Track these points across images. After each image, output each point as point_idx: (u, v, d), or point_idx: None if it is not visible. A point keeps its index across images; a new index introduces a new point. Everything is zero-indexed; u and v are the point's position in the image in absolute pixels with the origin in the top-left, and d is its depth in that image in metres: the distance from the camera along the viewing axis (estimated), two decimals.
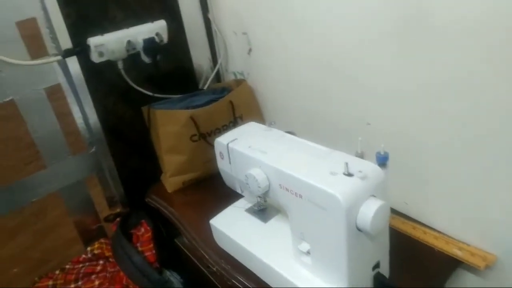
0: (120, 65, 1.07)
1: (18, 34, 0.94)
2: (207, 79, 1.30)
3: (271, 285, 0.77)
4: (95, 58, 1.02)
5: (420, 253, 0.81)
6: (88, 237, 1.19)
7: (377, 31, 0.79)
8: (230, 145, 0.77)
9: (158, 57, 1.09)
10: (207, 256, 0.91)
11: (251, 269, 0.82)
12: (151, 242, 1.14)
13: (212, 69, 1.29)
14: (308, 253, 0.69)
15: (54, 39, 0.99)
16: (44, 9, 0.96)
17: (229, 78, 1.32)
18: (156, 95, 1.15)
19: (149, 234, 1.15)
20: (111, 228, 1.22)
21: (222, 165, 0.82)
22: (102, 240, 1.18)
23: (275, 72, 1.12)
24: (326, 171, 0.63)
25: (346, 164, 0.61)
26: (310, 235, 0.67)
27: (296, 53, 1.01)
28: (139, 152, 1.22)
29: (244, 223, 0.86)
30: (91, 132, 1.11)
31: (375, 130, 0.90)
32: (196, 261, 1.07)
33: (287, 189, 0.67)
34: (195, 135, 1.09)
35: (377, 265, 0.68)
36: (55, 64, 1.02)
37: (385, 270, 0.70)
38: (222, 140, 0.79)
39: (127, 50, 1.05)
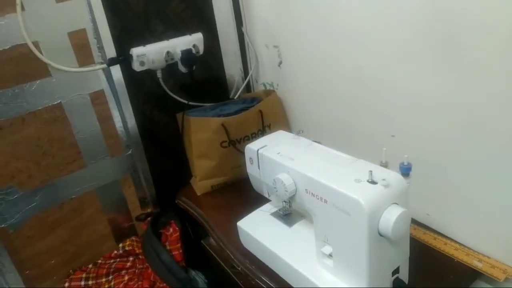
0: (159, 74, 1.14)
1: (69, 43, 1.03)
2: (238, 89, 1.36)
3: (294, 285, 0.81)
4: (136, 67, 1.10)
5: (440, 263, 0.84)
6: (120, 234, 1.26)
7: (411, 46, 0.82)
8: (260, 151, 0.82)
9: (194, 67, 1.16)
10: (232, 256, 0.96)
11: (274, 270, 0.86)
12: (179, 241, 1.20)
13: (243, 80, 1.35)
14: (330, 256, 0.73)
15: (101, 48, 1.07)
16: (93, 21, 1.04)
17: (258, 88, 1.38)
18: (190, 103, 1.22)
19: (177, 234, 1.20)
20: (142, 227, 1.29)
21: (252, 170, 0.87)
22: (133, 238, 1.24)
23: (304, 84, 1.17)
24: (351, 178, 0.67)
25: (370, 172, 0.65)
26: (333, 239, 0.71)
27: (325, 65, 1.06)
28: (172, 156, 1.29)
29: (269, 226, 0.90)
30: (129, 136, 1.18)
31: (399, 142, 0.93)
32: (221, 262, 1.12)
33: (313, 194, 0.71)
34: (225, 141, 1.15)
35: (396, 271, 0.71)
36: (100, 72, 1.10)
37: (404, 276, 0.74)
38: (252, 147, 0.85)
39: (166, 60, 1.13)
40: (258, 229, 0.90)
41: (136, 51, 1.09)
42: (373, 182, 0.65)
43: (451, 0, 0.72)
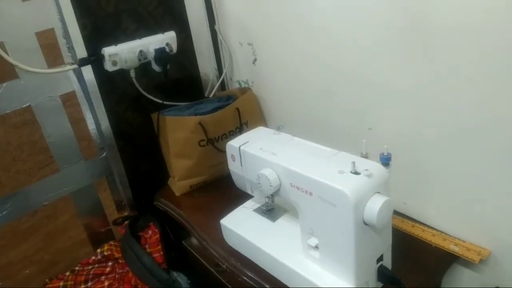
0: (132, 73, 1.12)
1: (37, 43, 0.99)
2: (212, 87, 1.35)
3: (281, 279, 0.81)
4: (109, 66, 1.07)
5: (419, 249, 0.87)
6: (96, 240, 1.23)
7: (381, 37, 0.85)
8: (242, 147, 0.82)
9: (168, 66, 1.15)
10: (216, 255, 0.95)
11: (260, 265, 0.86)
12: (159, 243, 1.18)
13: (218, 78, 1.35)
14: (316, 247, 0.74)
15: (71, 48, 1.04)
16: (62, 20, 1.01)
17: (233, 86, 1.37)
18: (165, 102, 1.20)
19: (157, 236, 1.19)
20: (119, 231, 1.26)
21: (234, 167, 0.87)
22: (111, 243, 1.21)
23: (280, 80, 1.17)
24: (334, 170, 0.68)
25: (353, 163, 0.67)
26: (319, 230, 0.72)
27: (300, 62, 1.07)
28: (148, 157, 1.27)
29: (253, 222, 0.91)
30: (102, 138, 1.15)
31: (376, 134, 0.96)
32: (204, 262, 1.11)
33: (297, 188, 0.72)
34: (203, 140, 1.14)
35: (380, 258, 0.73)
36: (71, 73, 1.07)
37: (387, 263, 0.76)
38: (234, 143, 0.85)
39: (139, 60, 1.11)
40: (242, 226, 0.90)
41: (108, 50, 1.06)
42: (356, 173, 0.66)
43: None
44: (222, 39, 1.29)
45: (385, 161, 0.74)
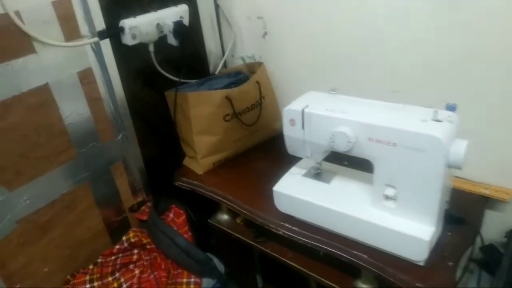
0: (151, 48, 1.06)
1: (54, 14, 0.90)
2: (216, 64, 1.33)
3: (351, 235, 0.85)
4: (128, 40, 1.01)
5: (455, 196, 0.95)
6: (113, 229, 1.16)
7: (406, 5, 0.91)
8: (306, 110, 0.83)
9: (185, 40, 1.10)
10: (268, 222, 0.95)
11: (325, 226, 0.88)
12: (186, 224, 1.15)
13: (223, 54, 1.33)
14: (392, 198, 0.79)
15: (88, 20, 0.95)
16: None
17: (235, 63, 1.36)
18: (182, 80, 1.16)
19: (183, 217, 1.15)
20: (136, 217, 1.19)
21: (292, 131, 0.88)
22: (135, 229, 1.15)
23: (293, 53, 1.20)
24: (415, 119, 0.73)
25: (436, 111, 0.72)
26: (400, 180, 0.76)
27: (319, 31, 1.10)
28: (162, 138, 1.21)
29: (308, 185, 0.92)
30: (120, 119, 1.08)
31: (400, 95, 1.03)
32: (239, 235, 1.10)
33: (377, 141, 0.75)
34: (228, 114, 1.12)
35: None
36: (87, 47, 0.98)
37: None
38: (294, 107, 0.85)
39: (158, 33, 1.05)
40: (299, 190, 0.91)
41: (128, 22, 1.00)
42: (438, 120, 0.72)
43: None
44: (225, 13, 1.27)
45: (452, 109, 0.80)
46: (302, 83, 1.22)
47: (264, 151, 1.23)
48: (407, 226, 0.77)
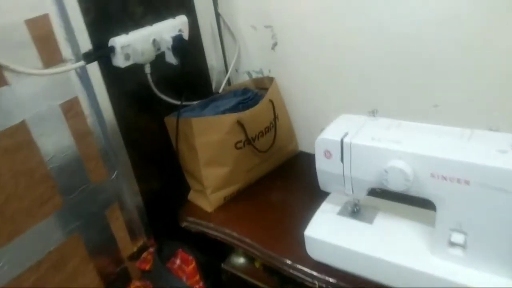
0: (147, 69, 0.90)
1: (28, 35, 0.73)
2: (219, 81, 1.17)
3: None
4: (121, 62, 0.84)
5: None
6: (111, 284, 0.98)
7: (446, 13, 0.77)
8: (346, 140, 0.68)
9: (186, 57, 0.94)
10: (298, 273, 0.80)
11: (368, 276, 0.73)
12: (197, 273, 0.98)
13: (226, 70, 1.17)
14: (460, 245, 0.64)
15: (71, 40, 0.79)
16: (59, 3, 0.75)
17: (240, 78, 1.21)
18: (184, 103, 0.99)
19: (193, 264, 0.98)
20: (136, 269, 1.02)
21: (327, 165, 0.73)
22: (136, 282, 0.97)
23: (308, 66, 1.05)
24: (491, 150, 0.58)
25: None
26: (473, 224, 0.62)
27: (338, 40, 0.95)
28: (162, 171, 1.05)
29: (346, 227, 0.77)
30: (113, 153, 0.91)
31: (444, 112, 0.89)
32: (261, 284, 0.95)
33: (443, 178, 0.61)
34: (240, 141, 0.97)
35: None
36: (72, 73, 0.81)
37: None
38: (330, 137, 0.70)
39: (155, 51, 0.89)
40: (335, 234, 0.76)
41: (119, 41, 0.83)
42: None
43: None
44: (228, 23, 1.11)
45: None
46: (320, 99, 1.08)
47: (280, 178, 1.08)
48: (477, 280, 0.62)
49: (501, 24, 0.75)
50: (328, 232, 0.77)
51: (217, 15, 1.11)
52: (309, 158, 1.14)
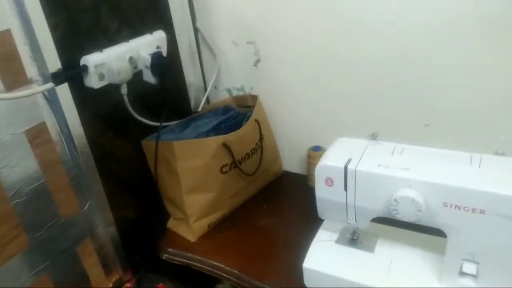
0: (124, 89, 0.81)
1: None
2: (197, 99, 1.10)
3: None
4: (94, 82, 0.76)
5: None
6: None
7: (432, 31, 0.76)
8: (350, 167, 0.63)
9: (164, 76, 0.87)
10: None
11: None
12: None
13: (205, 87, 1.10)
14: (471, 275, 0.61)
15: (38, 59, 0.70)
16: (23, 17, 0.66)
17: (219, 96, 1.14)
18: (164, 124, 0.92)
19: None
20: None
21: (327, 193, 0.68)
22: None
23: (292, 83, 1.00)
24: (506, 177, 0.56)
25: None
26: (485, 254, 0.59)
27: (325, 57, 0.92)
28: (139, 199, 0.96)
29: (346, 257, 0.73)
30: (85, 184, 0.82)
31: (435, 131, 0.87)
32: None
33: (457, 207, 0.57)
34: (226, 165, 0.90)
35: None
36: (38, 96, 0.72)
37: None
38: (331, 163, 0.66)
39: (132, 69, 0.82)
40: (336, 266, 0.71)
41: (93, 59, 0.75)
42: None
43: None
44: (206, 39, 1.05)
45: None
46: (305, 118, 1.03)
47: (265, 201, 1.03)
48: None
49: (495, 47, 0.73)
50: (328, 263, 0.72)
51: (195, 30, 1.05)
52: (294, 178, 1.10)
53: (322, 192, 0.68)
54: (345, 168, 0.64)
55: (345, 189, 0.65)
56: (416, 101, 0.86)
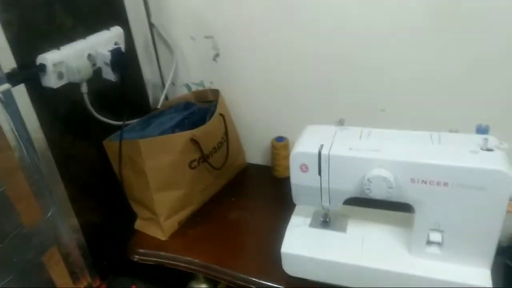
0: (84, 88, 0.78)
1: None
2: (156, 96, 1.08)
3: None
4: (53, 81, 0.72)
5: None
6: None
7: (390, 26, 0.81)
8: (324, 152, 0.66)
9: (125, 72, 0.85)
10: None
11: (351, 286, 0.73)
12: None
13: (163, 83, 1.09)
14: (437, 243, 0.67)
15: None
16: None
17: (177, 92, 1.13)
18: (128, 122, 0.89)
19: None
20: None
21: (303, 179, 0.70)
22: None
23: (253, 76, 1.02)
24: (464, 151, 0.62)
25: (486, 139, 0.62)
26: (449, 223, 0.65)
27: (284, 49, 0.94)
28: (104, 202, 0.93)
29: (322, 239, 0.76)
30: (47, 190, 0.78)
31: (390, 115, 0.93)
32: None
33: (423, 182, 0.62)
34: (194, 160, 0.90)
35: None
36: None
37: None
38: (306, 150, 0.68)
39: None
40: (313, 248, 0.74)
41: (51, 57, 0.71)
42: (489, 150, 0.62)
43: None
44: (164, 34, 1.04)
45: (485, 132, 0.71)
46: (267, 110, 1.05)
47: (232, 194, 1.04)
48: (459, 274, 0.66)
49: (438, 35, 0.80)
50: (305, 246, 0.75)
51: (151, 25, 1.03)
52: (259, 170, 1.12)
53: (297, 178, 0.71)
54: (319, 153, 0.67)
55: (319, 173, 0.68)
56: (371, 89, 0.91)
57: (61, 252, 0.84)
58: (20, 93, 0.69)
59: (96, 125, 0.86)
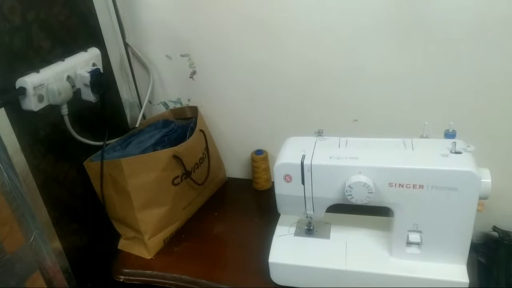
0: (64, 110, 0.78)
1: None
2: (134, 115, 1.09)
3: None
4: (33, 104, 0.72)
5: None
6: None
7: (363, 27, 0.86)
8: (306, 162, 0.69)
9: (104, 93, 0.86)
10: None
11: None
12: None
13: (140, 102, 1.09)
14: (416, 243, 0.71)
15: None
16: None
17: (154, 111, 1.14)
18: (108, 142, 0.89)
19: None
20: None
21: (287, 189, 0.73)
22: None
23: (230, 92, 1.04)
24: (435, 155, 0.66)
25: (454, 143, 0.66)
26: (427, 223, 0.69)
27: (260, 65, 0.98)
28: (87, 223, 0.92)
29: (307, 247, 0.79)
30: (29, 213, 0.77)
31: (363, 125, 0.97)
32: None
33: (400, 185, 0.66)
34: (177, 177, 0.91)
35: None
36: None
37: None
38: (289, 161, 0.71)
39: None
40: (300, 256, 0.77)
41: (30, 80, 0.71)
42: (458, 152, 0.66)
43: None
44: (139, 54, 1.05)
45: (452, 137, 0.76)
46: (245, 125, 1.08)
47: (215, 209, 1.05)
48: (438, 271, 0.70)
49: (402, 47, 0.85)
50: (291, 255, 0.77)
51: (126, 45, 1.04)
52: (239, 183, 1.14)
53: (281, 189, 0.73)
54: (302, 163, 0.70)
55: (303, 183, 0.71)
56: (344, 101, 0.95)
57: (44, 277, 0.82)
58: (0, 116, 0.69)
59: (76, 146, 0.86)
